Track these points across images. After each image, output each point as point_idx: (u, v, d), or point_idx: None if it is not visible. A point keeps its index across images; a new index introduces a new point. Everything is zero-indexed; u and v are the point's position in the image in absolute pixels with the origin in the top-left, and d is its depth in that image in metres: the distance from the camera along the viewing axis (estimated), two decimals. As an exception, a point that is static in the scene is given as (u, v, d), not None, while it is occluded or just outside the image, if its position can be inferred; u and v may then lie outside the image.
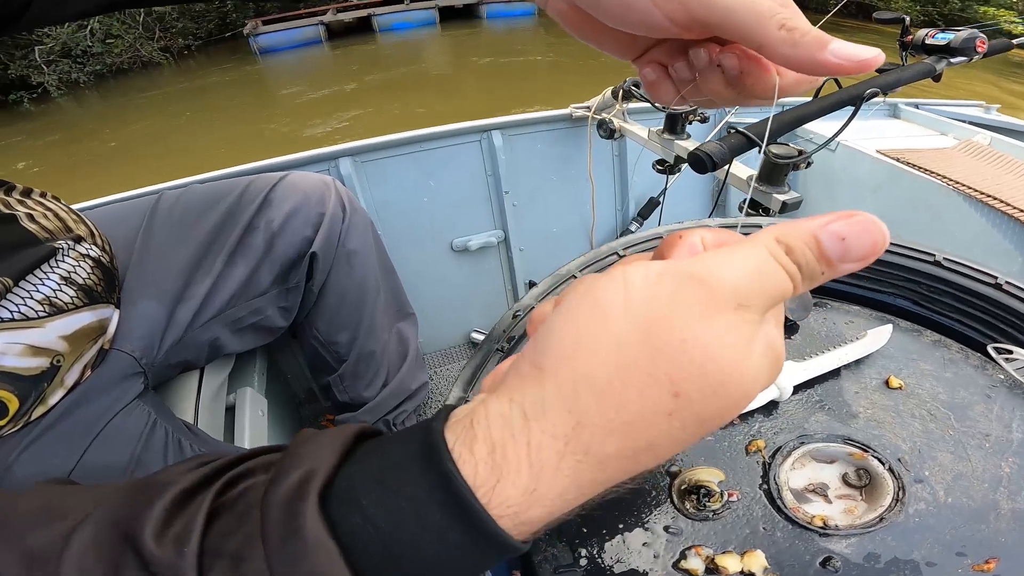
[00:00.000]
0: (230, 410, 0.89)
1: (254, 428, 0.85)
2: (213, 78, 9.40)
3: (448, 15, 11.63)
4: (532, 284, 0.58)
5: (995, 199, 1.06)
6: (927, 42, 0.92)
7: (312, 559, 0.19)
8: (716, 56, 0.28)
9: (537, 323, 0.25)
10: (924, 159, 1.22)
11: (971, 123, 1.46)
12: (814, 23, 0.25)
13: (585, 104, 1.31)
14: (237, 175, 1.02)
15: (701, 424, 0.20)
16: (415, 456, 0.20)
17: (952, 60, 0.89)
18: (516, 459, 0.19)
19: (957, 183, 1.11)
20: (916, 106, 1.58)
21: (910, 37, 0.95)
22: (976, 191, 1.08)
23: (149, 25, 10.26)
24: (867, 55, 0.23)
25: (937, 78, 0.90)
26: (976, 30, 0.88)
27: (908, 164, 1.20)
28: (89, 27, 9.18)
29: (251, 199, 0.77)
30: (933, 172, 1.16)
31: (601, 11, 0.27)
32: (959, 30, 0.88)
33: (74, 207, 0.62)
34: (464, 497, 0.19)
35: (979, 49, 0.88)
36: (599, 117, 1.26)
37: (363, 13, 11.26)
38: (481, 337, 1.50)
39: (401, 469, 0.20)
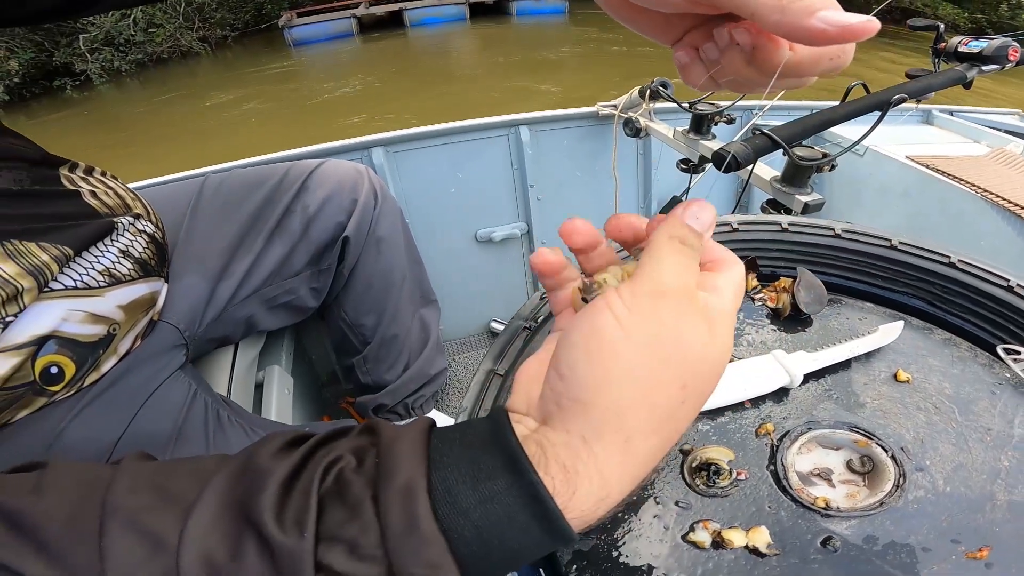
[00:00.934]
0: (259, 386, 0.94)
1: (280, 405, 0.90)
2: (250, 68, 9.59)
3: (478, 11, 11.67)
4: None
5: (1025, 208, 1.05)
6: (960, 50, 0.92)
7: (428, 551, 0.24)
8: (733, 31, 0.29)
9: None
10: (954, 166, 1.21)
11: (1006, 131, 1.44)
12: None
13: (612, 103, 1.33)
14: (277, 161, 1.07)
15: (702, 398, 0.27)
16: (501, 469, 0.25)
17: (984, 68, 0.89)
18: (587, 475, 0.25)
19: (986, 191, 1.10)
20: (951, 113, 1.56)
21: (943, 44, 0.95)
22: (1006, 200, 1.07)
23: (189, 15, 10.52)
24: (855, 21, 0.22)
25: (968, 85, 0.90)
26: (1010, 39, 0.88)
27: (938, 171, 1.19)
28: (132, 16, 9.45)
29: (290, 184, 0.81)
30: (963, 180, 1.15)
31: None
32: (993, 38, 0.88)
33: (129, 185, 0.66)
34: (548, 506, 0.24)
35: (1012, 58, 0.88)
36: (625, 115, 1.28)
37: (395, 7, 11.39)
38: (501, 327, 1.53)
39: (492, 480, 0.25)
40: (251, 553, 0.24)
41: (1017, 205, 1.06)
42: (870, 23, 0.22)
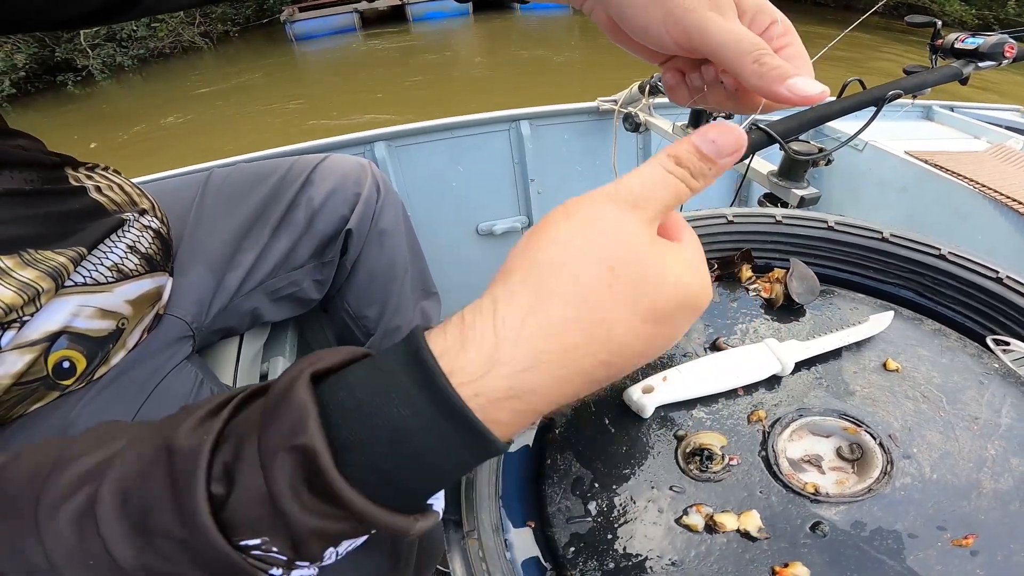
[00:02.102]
0: (263, 377, 0.95)
1: (285, 396, 0.91)
2: (251, 63, 9.59)
3: (481, 5, 11.62)
4: None
5: (1022, 204, 1.05)
6: (956, 46, 0.92)
7: (291, 416, 0.22)
8: (720, 74, 0.34)
9: None
10: (953, 162, 1.21)
11: (1006, 127, 1.45)
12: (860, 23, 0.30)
13: (612, 98, 1.33)
14: (281, 155, 1.08)
15: (638, 299, 0.24)
16: (398, 346, 0.24)
17: (980, 64, 0.90)
18: (482, 329, 0.23)
19: (984, 187, 1.11)
20: (951, 109, 1.56)
21: (940, 41, 0.95)
22: (1004, 195, 1.08)
23: (191, 10, 10.50)
24: (812, 92, 0.28)
25: (964, 81, 0.91)
26: (1007, 35, 0.88)
27: (936, 166, 1.20)
28: (134, 11, 9.42)
29: (294, 178, 0.82)
30: (961, 175, 1.16)
31: (628, 28, 0.34)
32: (989, 35, 0.88)
33: (133, 180, 0.67)
34: (425, 360, 0.22)
35: (1007, 54, 0.88)
36: (625, 110, 1.29)
37: (397, 1, 11.34)
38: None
39: (384, 356, 0.24)
40: (159, 468, 0.24)
41: (1015, 200, 1.06)
42: (823, 93, 0.28)
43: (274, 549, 0.24)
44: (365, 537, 0.26)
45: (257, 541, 0.23)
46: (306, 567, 0.25)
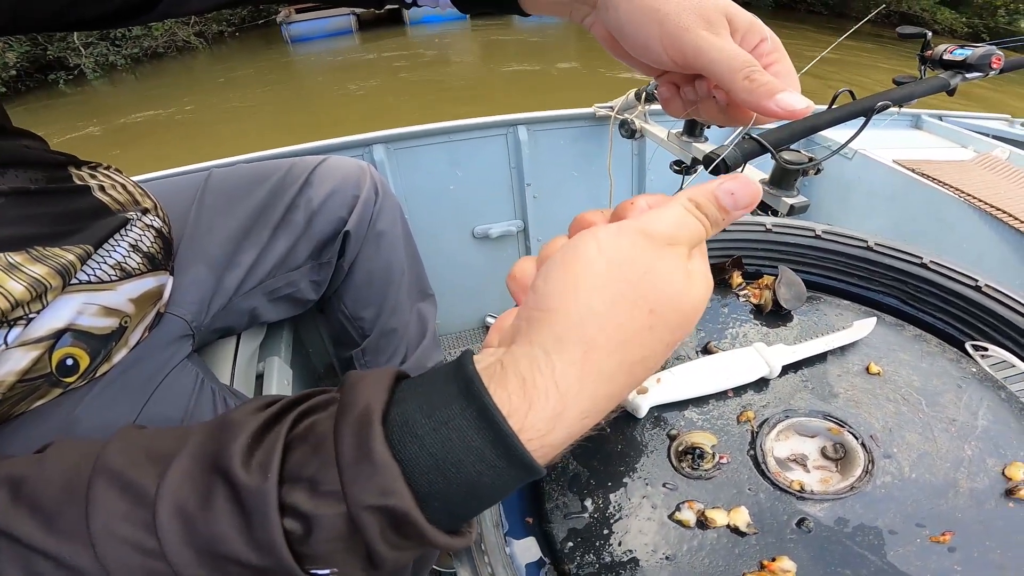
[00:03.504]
0: (259, 377, 0.96)
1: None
2: (246, 65, 9.56)
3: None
4: None
5: (1007, 213, 1.08)
6: (945, 57, 0.95)
7: (380, 478, 0.23)
8: (712, 89, 0.36)
9: (520, 281, 0.31)
10: (940, 171, 1.24)
11: (994, 136, 1.48)
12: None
13: (608, 104, 1.35)
14: (280, 156, 1.09)
15: (672, 333, 0.26)
16: (456, 395, 0.24)
17: (968, 76, 0.92)
18: (544, 388, 0.24)
19: (970, 196, 1.13)
20: (940, 118, 1.59)
21: (929, 52, 0.98)
22: (989, 205, 1.11)
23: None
24: (798, 107, 0.30)
25: (951, 92, 0.93)
26: (994, 47, 0.91)
27: (923, 175, 1.22)
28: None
29: (294, 179, 0.83)
30: (948, 184, 1.18)
31: (627, 45, 0.37)
32: (977, 46, 0.91)
33: (133, 179, 0.68)
34: (500, 425, 0.23)
35: (994, 66, 0.90)
36: (621, 117, 1.30)
37: (394, 5, 11.32)
38: (497, 323, 1.55)
39: (447, 406, 0.24)
40: (220, 499, 0.25)
41: (998, 209, 1.09)
42: (808, 108, 0.30)
43: (343, 573, 0.26)
44: None
45: (326, 572, 0.25)
46: None
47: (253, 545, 0.24)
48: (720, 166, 0.66)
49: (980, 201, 1.12)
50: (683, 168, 1.16)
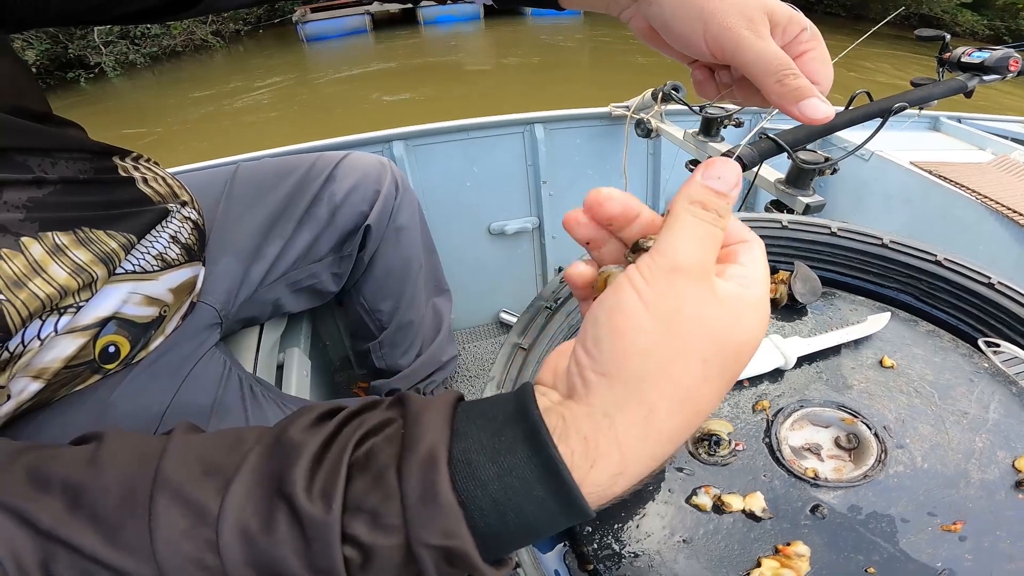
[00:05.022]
0: (279, 367, 0.98)
1: (299, 387, 0.94)
2: (263, 63, 9.65)
3: (493, 10, 11.63)
4: (561, 270, 0.64)
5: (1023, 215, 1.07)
6: (963, 60, 0.95)
7: (444, 520, 0.24)
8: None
9: (576, 281, 0.31)
10: (957, 173, 1.23)
11: (1012, 139, 1.47)
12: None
13: (625, 104, 1.36)
14: (304, 151, 1.11)
15: (724, 376, 0.25)
16: (521, 441, 0.25)
17: (985, 78, 0.93)
18: (608, 448, 0.25)
19: (987, 198, 1.13)
20: (958, 120, 1.58)
21: (948, 54, 0.98)
22: (1005, 207, 1.10)
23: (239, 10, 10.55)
24: (819, 115, 0.33)
25: (969, 94, 0.94)
26: (1012, 50, 0.91)
27: (940, 177, 1.22)
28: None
29: (318, 174, 0.85)
30: (965, 186, 1.18)
31: (670, 38, 0.39)
32: (995, 49, 0.91)
33: (169, 171, 0.70)
34: (565, 479, 0.24)
35: (1012, 68, 0.91)
36: (637, 116, 1.32)
37: (408, 4, 11.36)
38: (510, 318, 1.57)
39: (512, 453, 0.25)
40: (283, 524, 0.25)
41: (1016, 212, 1.08)
42: (828, 116, 0.32)
43: None
44: None
45: None
46: None
47: (312, 570, 0.25)
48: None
49: (997, 203, 1.11)
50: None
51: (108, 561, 0.26)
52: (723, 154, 0.51)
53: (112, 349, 0.56)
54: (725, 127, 1.12)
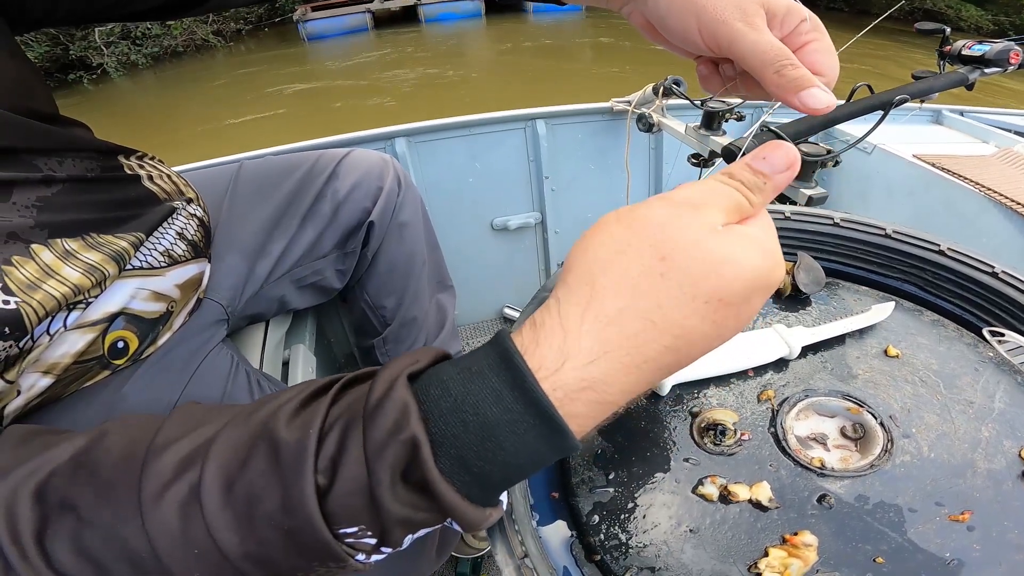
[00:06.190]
0: (285, 364, 0.98)
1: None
2: (264, 62, 9.65)
3: (494, 7, 11.65)
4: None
5: (1027, 207, 1.07)
6: (963, 52, 0.95)
7: (395, 413, 0.24)
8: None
9: None
10: (960, 166, 1.23)
11: (1015, 132, 1.46)
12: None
13: (626, 99, 1.36)
14: (307, 149, 1.12)
15: (696, 283, 0.24)
16: (485, 348, 0.26)
17: (986, 71, 0.92)
18: (551, 326, 0.25)
19: (990, 190, 1.13)
20: (961, 113, 1.58)
21: (948, 47, 0.98)
22: (1009, 199, 1.10)
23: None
24: (819, 105, 0.32)
25: (970, 87, 0.93)
26: (1012, 43, 0.91)
27: (943, 170, 1.22)
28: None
29: (321, 171, 0.85)
30: (967, 179, 1.18)
31: (667, 33, 0.39)
32: (995, 42, 0.91)
33: (174, 169, 0.71)
34: (515, 362, 0.24)
35: (1013, 61, 0.90)
36: (639, 111, 1.31)
37: (409, 2, 11.38)
38: (514, 313, 1.57)
39: (474, 355, 0.26)
40: (259, 457, 0.26)
41: (1020, 204, 1.08)
42: (829, 106, 0.32)
43: (367, 536, 0.26)
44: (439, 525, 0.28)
45: (354, 529, 0.26)
46: (386, 552, 0.27)
47: (284, 502, 0.25)
48: (739, 157, 0.68)
49: (1000, 196, 1.11)
50: (701, 161, 1.17)
51: (98, 519, 0.26)
52: (725, 147, 0.51)
53: (121, 344, 0.56)
54: (727, 121, 1.11)
